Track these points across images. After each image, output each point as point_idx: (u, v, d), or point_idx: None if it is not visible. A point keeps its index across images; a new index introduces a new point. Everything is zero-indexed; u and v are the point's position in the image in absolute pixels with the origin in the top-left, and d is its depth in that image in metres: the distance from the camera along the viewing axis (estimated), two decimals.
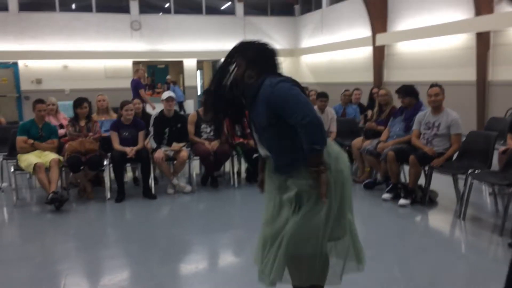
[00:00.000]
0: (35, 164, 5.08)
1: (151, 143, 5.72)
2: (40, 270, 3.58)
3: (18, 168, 5.36)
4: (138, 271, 3.54)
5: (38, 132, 5.49)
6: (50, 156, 5.28)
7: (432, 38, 11.09)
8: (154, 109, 9.68)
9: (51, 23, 15.48)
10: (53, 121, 6.27)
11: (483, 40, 9.68)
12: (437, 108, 4.96)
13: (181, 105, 15.64)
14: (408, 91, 5.41)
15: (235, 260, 3.86)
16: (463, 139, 5.04)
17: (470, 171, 4.48)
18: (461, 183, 4.82)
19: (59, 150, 5.59)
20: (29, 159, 5.20)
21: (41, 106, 5.54)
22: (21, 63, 15.41)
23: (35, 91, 14.57)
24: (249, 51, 2.30)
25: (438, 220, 4.79)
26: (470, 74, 10.04)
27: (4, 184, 6.07)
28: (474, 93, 9.98)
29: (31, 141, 5.39)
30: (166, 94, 6.00)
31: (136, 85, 9.69)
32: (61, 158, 5.35)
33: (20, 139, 5.39)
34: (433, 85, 5.01)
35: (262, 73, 2.26)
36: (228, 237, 4.33)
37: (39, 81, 15.52)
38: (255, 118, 2.33)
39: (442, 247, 3.87)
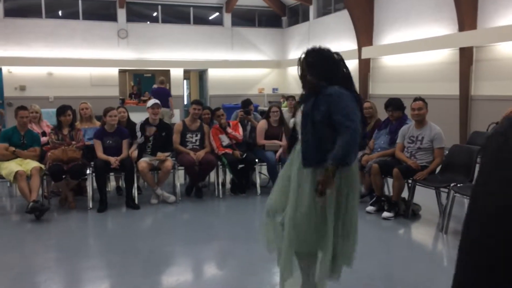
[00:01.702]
0: (16, 172, 4.99)
1: (139, 140, 5.70)
2: (18, 281, 3.50)
3: None
4: (119, 283, 3.48)
5: (20, 139, 5.41)
6: (31, 164, 5.19)
7: (417, 52, 11.27)
8: (173, 117, 11.48)
9: (36, 30, 15.34)
10: (35, 129, 6.17)
11: (466, 55, 9.85)
12: (420, 122, 5.01)
13: None
14: (398, 104, 5.47)
15: (218, 272, 3.82)
16: (446, 152, 5.10)
17: (452, 184, 4.53)
18: (444, 196, 4.87)
19: (41, 158, 5.50)
20: (10, 167, 5.11)
21: (23, 113, 5.46)
22: (4, 69, 15.21)
23: (18, 98, 14.36)
24: (309, 57, 2.65)
25: (421, 233, 4.82)
26: (453, 89, 10.20)
27: None
28: (457, 107, 10.14)
29: (12, 148, 5.30)
30: (152, 102, 5.98)
31: (168, 93, 11.84)
32: (42, 166, 5.27)
33: (1, 146, 5.30)
34: (416, 99, 5.07)
35: (322, 77, 2.59)
36: (212, 249, 4.30)
37: (22, 88, 15.32)
38: (309, 111, 2.62)
39: (425, 260, 3.89)
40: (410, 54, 11.53)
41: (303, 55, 2.69)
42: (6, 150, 5.29)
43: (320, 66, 2.61)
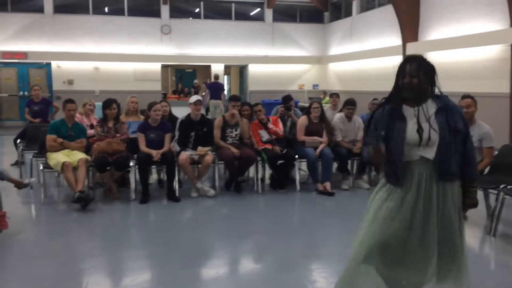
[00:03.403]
0: (63, 163, 5.17)
1: (175, 147, 5.76)
2: (64, 267, 3.63)
3: (47, 166, 5.47)
4: (160, 273, 3.54)
5: (68, 131, 5.60)
6: (78, 156, 5.37)
7: (465, 48, 10.85)
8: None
9: (84, 26, 15.85)
10: (85, 121, 6.39)
11: None
12: (469, 120, 4.81)
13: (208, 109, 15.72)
14: None
15: (255, 267, 3.82)
16: (496, 152, 4.89)
17: (502, 186, 4.33)
18: (492, 198, 4.66)
19: (87, 150, 5.68)
20: (57, 158, 5.30)
21: (71, 106, 5.65)
22: (54, 64, 15.81)
23: (66, 92, 14.90)
24: (425, 65, 2.47)
25: (468, 236, 4.59)
26: (503, 86, 9.76)
27: (33, 180, 6.18)
28: (507, 106, 9.70)
29: (60, 140, 5.50)
30: (194, 98, 6.03)
31: (222, 87, 13.53)
32: (88, 157, 5.44)
33: (50, 138, 5.51)
34: (464, 96, 4.88)
35: (431, 85, 2.47)
36: (250, 244, 4.30)
37: (70, 82, 15.89)
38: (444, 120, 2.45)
39: (471, 263, 3.72)
40: (458, 50, 11.11)
41: (419, 61, 2.50)
42: (55, 142, 5.49)
43: (433, 73, 2.49)
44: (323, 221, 4.98)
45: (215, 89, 13.26)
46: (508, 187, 4.31)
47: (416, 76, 2.42)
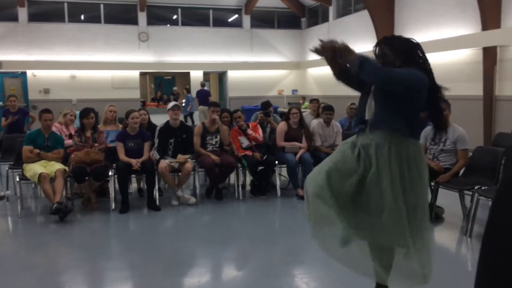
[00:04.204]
0: (40, 174, 5.09)
1: (154, 155, 5.73)
2: (42, 280, 3.57)
3: (23, 177, 5.37)
4: (141, 283, 3.52)
5: (44, 142, 5.52)
6: (55, 166, 5.29)
7: (439, 52, 11.09)
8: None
9: (59, 34, 15.66)
10: (64, 131, 6.30)
11: (489, 55, 9.66)
12: (443, 123, 4.92)
13: (191, 115, 15.68)
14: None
15: (238, 274, 3.83)
16: (470, 154, 5.01)
17: (476, 187, 4.43)
18: (467, 199, 4.77)
19: (65, 160, 5.60)
20: (34, 169, 5.21)
21: (47, 116, 5.57)
22: (29, 73, 15.57)
23: (43, 101, 14.68)
24: (395, 42, 2.64)
25: (444, 236, 4.74)
26: (476, 89, 10.01)
27: (8, 192, 6.07)
28: (481, 108, 9.94)
29: (36, 150, 5.41)
30: (172, 104, 6.02)
31: (208, 94, 14.81)
32: (66, 168, 5.36)
33: (26, 149, 5.42)
34: None
35: (405, 63, 2.55)
36: (232, 250, 4.31)
37: (47, 91, 15.66)
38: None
39: (448, 264, 3.82)
40: (432, 54, 11.33)
41: (386, 41, 2.67)
42: (31, 153, 5.40)
43: (400, 48, 2.62)
44: (304, 227, 4.98)
45: (203, 96, 14.56)
46: (483, 188, 4.41)
47: (381, 56, 2.62)
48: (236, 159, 6.00)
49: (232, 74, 17.87)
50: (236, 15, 18.23)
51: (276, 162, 6.08)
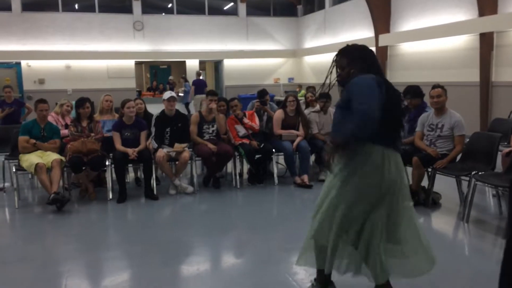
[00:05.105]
0: (37, 165, 5.06)
1: (152, 143, 5.72)
2: (41, 271, 3.57)
3: (20, 168, 5.35)
4: (139, 273, 3.52)
5: (40, 132, 5.49)
6: (52, 157, 5.27)
7: (436, 39, 11.06)
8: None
9: (53, 23, 15.52)
10: (61, 121, 6.28)
11: (486, 41, 9.63)
12: (440, 109, 4.93)
13: (186, 106, 15.62)
14: (417, 92, 5.39)
15: (236, 262, 3.84)
16: (467, 140, 5.01)
17: (473, 172, 4.45)
18: (464, 184, 4.79)
19: (61, 150, 5.58)
20: (30, 159, 5.19)
21: (43, 106, 5.53)
22: (23, 63, 15.45)
23: (37, 91, 14.60)
24: (350, 53, 2.73)
25: (441, 222, 4.76)
26: (473, 75, 10.00)
27: (7, 184, 6.07)
28: (477, 94, 9.94)
29: (33, 141, 5.38)
30: (168, 94, 5.98)
31: (205, 84, 15.01)
32: (63, 158, 5.34)
33: (22, 139, 5.39)
34: (435, 86, 4.98)
35: (362, 70, 2.60)
36: (230, 239, 4.32)
37: (41, 81, 15.56)
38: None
39: (445, 249, 3.84)
40: (429, 40, 11.32)
41: (340, 54, 2.78)
42: (27, 143, 5.37)
43: (359, 58, 2.69)
44: (302, 214, 5.02)
45: (199, 85, 14.78)
46: (480, 173, 4.43)
47: (341, 68, 2.75)
48: (233, 148, 5.99)
49: (228, 63, 17.78)
50: (232, 3, 18.09)
51: (273, 150, 6.08)
